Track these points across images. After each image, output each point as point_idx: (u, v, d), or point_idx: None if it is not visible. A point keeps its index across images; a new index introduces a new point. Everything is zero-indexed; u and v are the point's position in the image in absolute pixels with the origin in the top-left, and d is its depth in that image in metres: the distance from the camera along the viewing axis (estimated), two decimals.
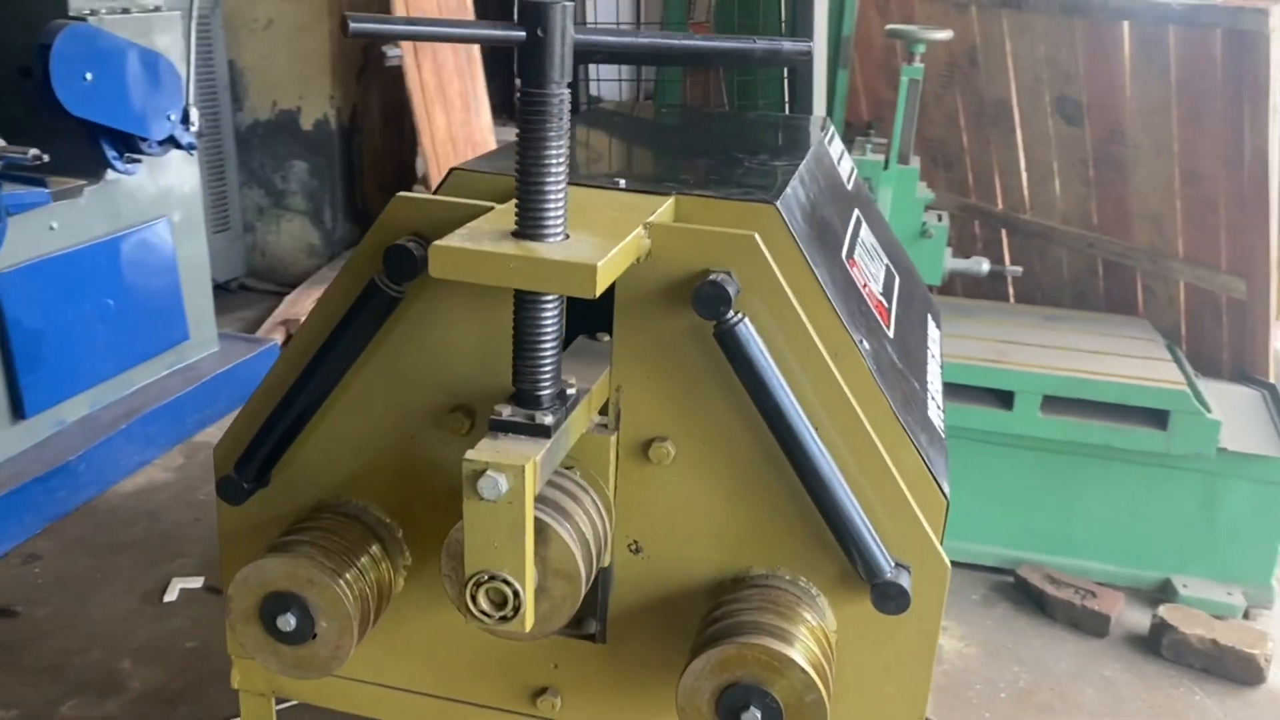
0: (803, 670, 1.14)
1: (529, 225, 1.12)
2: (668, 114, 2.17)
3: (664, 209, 1.29)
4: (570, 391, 1.22)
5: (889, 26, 3.13)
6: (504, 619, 1.15)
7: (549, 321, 1.16)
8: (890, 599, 1.20)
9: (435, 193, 1.40)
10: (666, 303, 1.22)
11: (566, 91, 1.09)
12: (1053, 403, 2.91)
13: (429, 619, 1.43)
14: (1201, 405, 2.89)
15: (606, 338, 1.35)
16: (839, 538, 1.21)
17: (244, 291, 5.15)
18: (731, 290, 1.15)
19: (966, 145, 4.04)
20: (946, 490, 1.32)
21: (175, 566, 2.99)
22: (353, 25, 0.95)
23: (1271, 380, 3.34)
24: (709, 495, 1.29)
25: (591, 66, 2.66)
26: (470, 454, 1.11)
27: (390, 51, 4.60)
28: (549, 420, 1.16)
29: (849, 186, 1.86)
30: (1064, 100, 3.62)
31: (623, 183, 1.38)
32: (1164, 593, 2.99)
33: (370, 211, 5.47)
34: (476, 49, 6.07)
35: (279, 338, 4.38)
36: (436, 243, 1.10)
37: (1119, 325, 3.44)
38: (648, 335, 1.24)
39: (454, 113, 5.38)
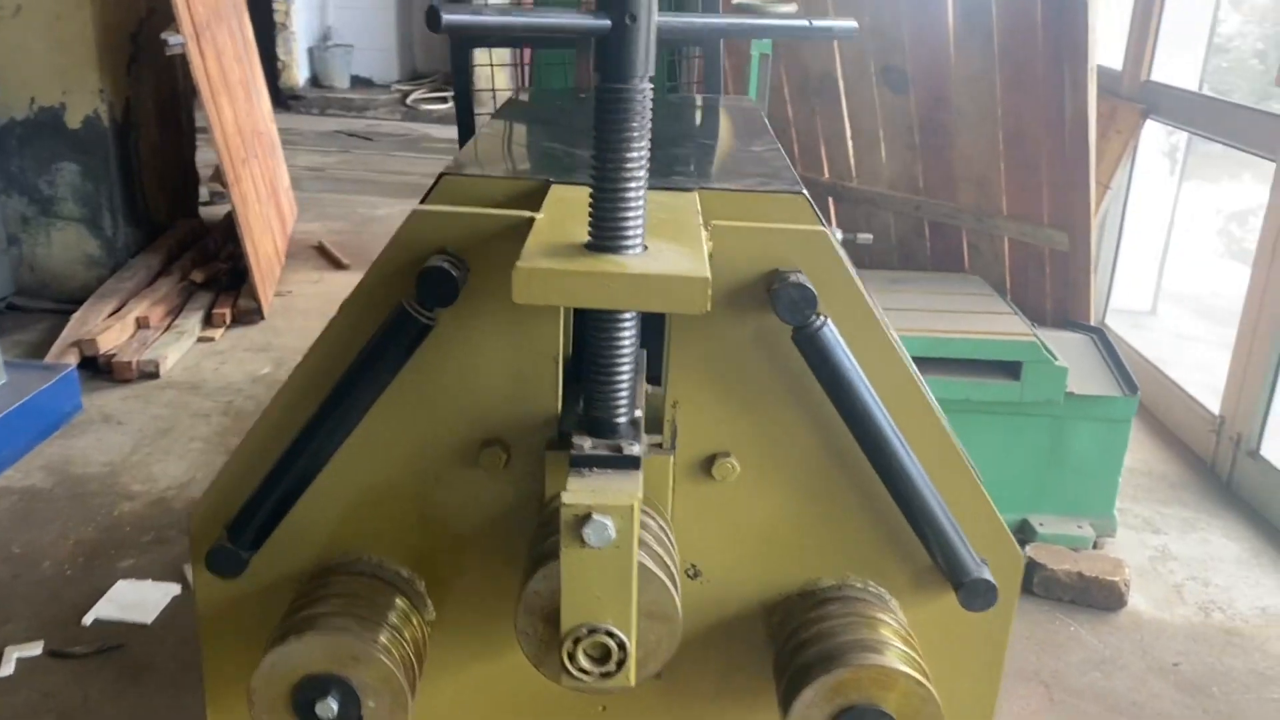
0: (917, 681, 1.09)
1: (609, 237, 1.00)
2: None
3: (696, 206, 1.20)
4: (638, 415, 1.11)
5: (735, 1, 3.12)
6: (606, 675, 1.04)
7: (628, 342, 1.05)
8: (979, 596, 1.17)
9: (424, 201, 1.24)
10: (730, 308, 1.13)
11: (650, 86, 0.97)
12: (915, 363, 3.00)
13: (457, 675, 1.29)
14: (1049, 354, 3.06)
15: None
16: (926, 538, 1.17)
17: (14, 312, 4.59)
18: (815, 291, 1.08)
19: (792, 117, 4.10)
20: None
21: (3, 633, 2.63)
22: (445, 18, 0.80)
23: (1094, 324, 3.59)
24: (775, 508, 1.21)
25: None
26: (568, 497, 0.99)
27: (172, 39, 4.19)
28: (637, 450, 1.05)
29: None
30: (889, 70, 3.73)
31: None
32: (1023, 532, 3.16)
33: (153, 214, 4.99)
34: (250, 32, 5.66)
35: (72, 360, 3.94)
36: (520, 265, 0.96)
37: (957, 283, 3.60)
38: (708, 344, 1.15)
39: (238, 102, 4.99)
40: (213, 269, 4.87)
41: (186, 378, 4.11)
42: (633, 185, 0.99)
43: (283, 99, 9.50)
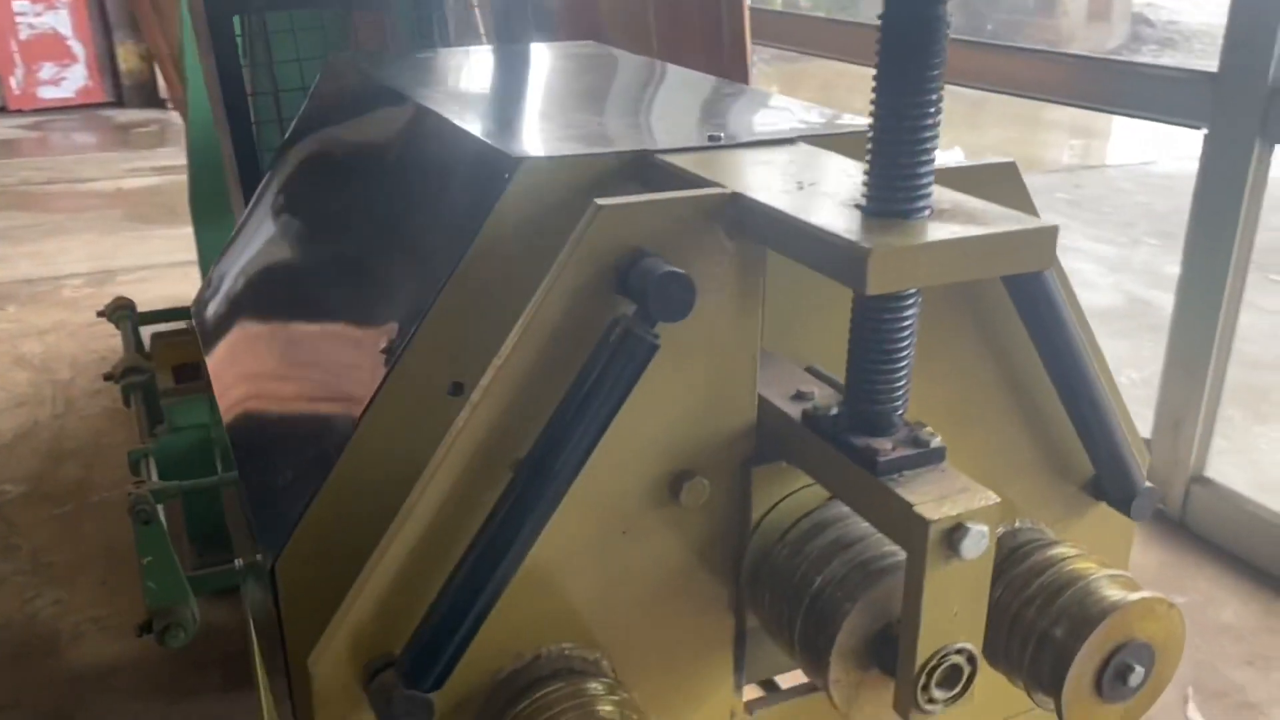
0: (1164, 601, 1.08)
1: (909, 198, 0.85)
2: (511, 57, 1.69)
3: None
4: None
5: None
6: (954, 699, 0.91)
7: (913, 322, 0.90)
8: (1148, 506, 1.19)
9: (504, 195, 0.99)
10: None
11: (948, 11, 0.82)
12: None
13: None
14: None
15: None
16: (1107, 459, 1.15)
17: None
18: None
19: None
20: None
21: None
22: None
23: None
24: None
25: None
26: (923, 510, 0.84)
27: None
28: (937, 440, 0.91)
29: None
30: (535, 11, 3.60)
31: (721, 137, 1.10)
32: None
33: None
34: None
35: None
36: (877, 250, 0.77)
37: None
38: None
39: None
40: None
41: None
42: (933, 136, 0.84)
43: None
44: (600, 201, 0.88)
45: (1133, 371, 4.70)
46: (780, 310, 1.06)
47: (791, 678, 1.18)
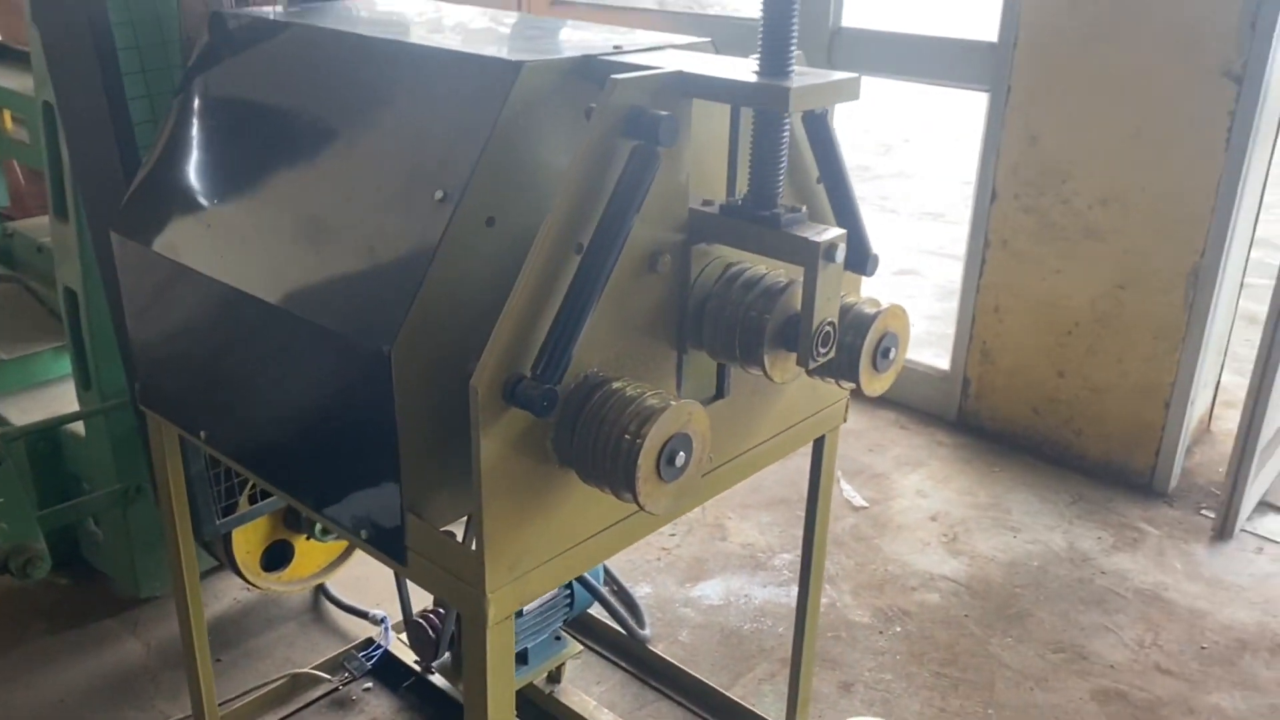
0: (896, 305, 1.85)
1: (788, 67, 1.52)
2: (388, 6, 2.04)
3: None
4: None
5: None
6: (827, 353, 1.62)
7: (788, 136, 1.58)
8: (875, 266, 1.96)
9: (511, 96, 1.54)
10: None
11: None
12: None
13: None
14: None
15: None
16: (853, 237, 1.91)
17: None
18: None
19: None
20: None
21: None
22: None
23: None
24: None
25: None
26: (814, 237, 1.53)
27: None
28: (803, 209, 1.61)
29: None
30: None
31: (623, 46, 1.72)
32: None
33: None
34: None
35: None
36: (795, 87, 1.45)
37: None
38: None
39: None
40: None
41: None
42: (795, 29, 1.52)
43: None
44: (615, 76, 1.47)
45: None
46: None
47: None
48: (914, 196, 7.67)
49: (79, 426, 2.89)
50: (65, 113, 2.31)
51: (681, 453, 1.48)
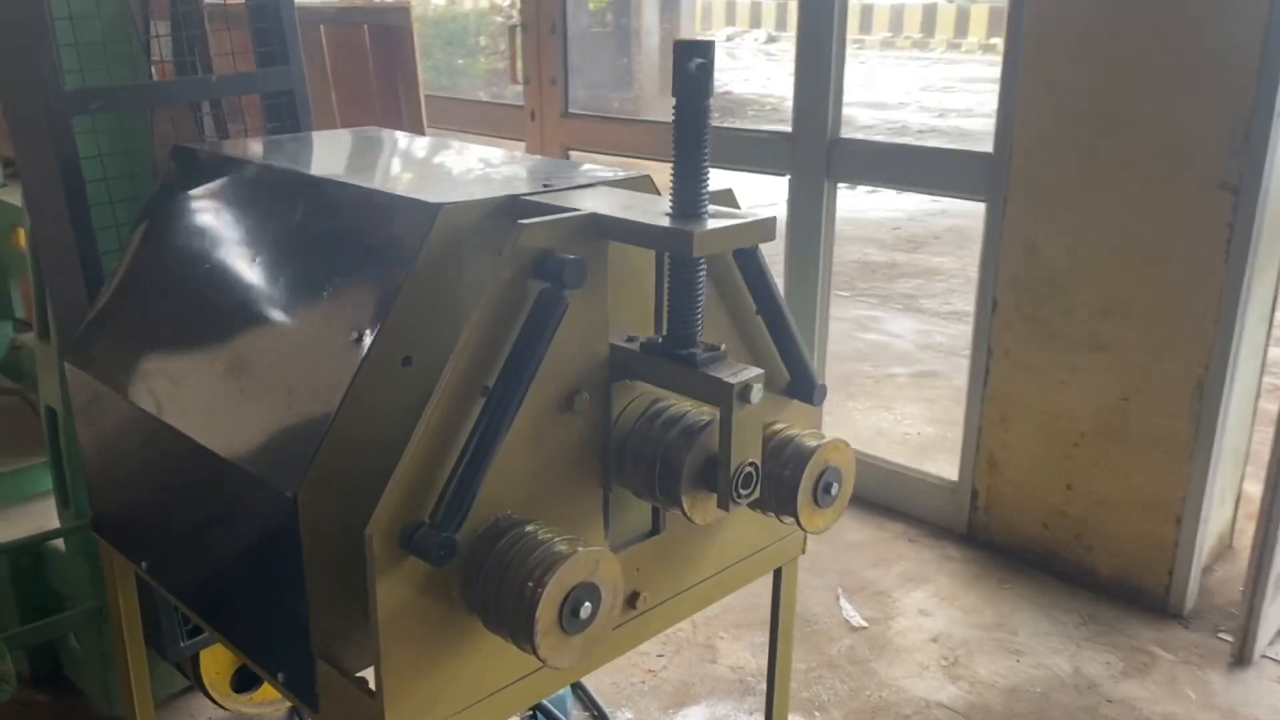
0: (838, 439, 1.80)
1: (700, 207, 1.51)
2: (334, 140, 2.11)
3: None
4: None
5: None
6: (749, 494, 1.57)
7: (704, 276, 1.56)
8: (821, 396, 1.92)
9: (430, 238, 1.54)
10: None
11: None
12: None
13: None
14: None
15: None
16: (796, 369, 1.87)
17: None
18: None
19: None
20: None
21: None
22: None
23: None
24: None
25: None
26: (727, 378, 1.49)
27: None
28: (723, 347, 1.57)
29: None
30: None
31: (553, 184, 1.72)
32: None
33: None
34: None
35: None
36: (698, 232, 1.43)
37: None
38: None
39: None
40: None
41: None
42: (708, 169, 1.51)
43: None
44: (522, 221, 1.46)
45: None
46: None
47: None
48: (940, 295, 7.61)
49: (61, 543, 2.91)
50: (39, 240, 2.37)
51: (587, 603, 1.44)
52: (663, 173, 1.61)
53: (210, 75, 2.32)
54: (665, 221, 1.50)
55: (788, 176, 4.22)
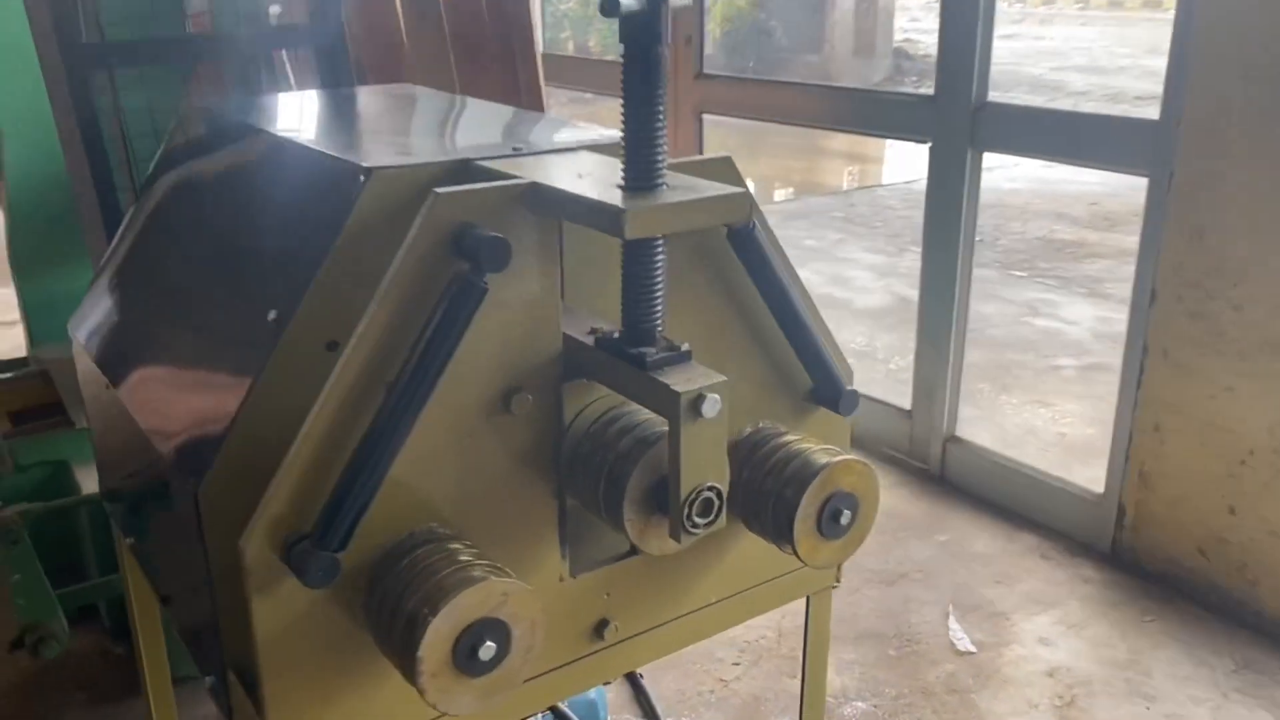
0: (854, 458, 1.51)
1: (648, 178, 1.25)
2: (342, 98, 1.99)
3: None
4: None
5: None
6: (709, 524, 1.31)
7: (662, 261, 1.30)
8: (852, 403, 1.62)
9: (359, 205, 1.34)
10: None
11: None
12: None
13: None
14: None
15: None
16: (818, 371, 1.58)
17: None
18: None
19: None
20: None
21: None
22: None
23: None
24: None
25: None
26: (676, 386, 1.23)
27: None
28: (686, 345, 1.31)
29: None
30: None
31: (522, 148, 1.49)
32: None
33: None
34: None
35: None
36: (630, 209, 1.17)
37: None
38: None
39: None
40: None
41: None
42: (662, 132, 1.24)
43: None
44: (437, 190, 1.24)
45: (899, 359, 5.33)
46: (579, 280, 1.43)
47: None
48: (1130, 280, 6.90)
49: None
50: (81, 206, 2.33)
51: (490, 642, 1.22)
52: (815, 138, 1.34)
53: (237, 31, 2.21)
54: (603, 195, 1.25)
55: (929, 144, 3.82)
